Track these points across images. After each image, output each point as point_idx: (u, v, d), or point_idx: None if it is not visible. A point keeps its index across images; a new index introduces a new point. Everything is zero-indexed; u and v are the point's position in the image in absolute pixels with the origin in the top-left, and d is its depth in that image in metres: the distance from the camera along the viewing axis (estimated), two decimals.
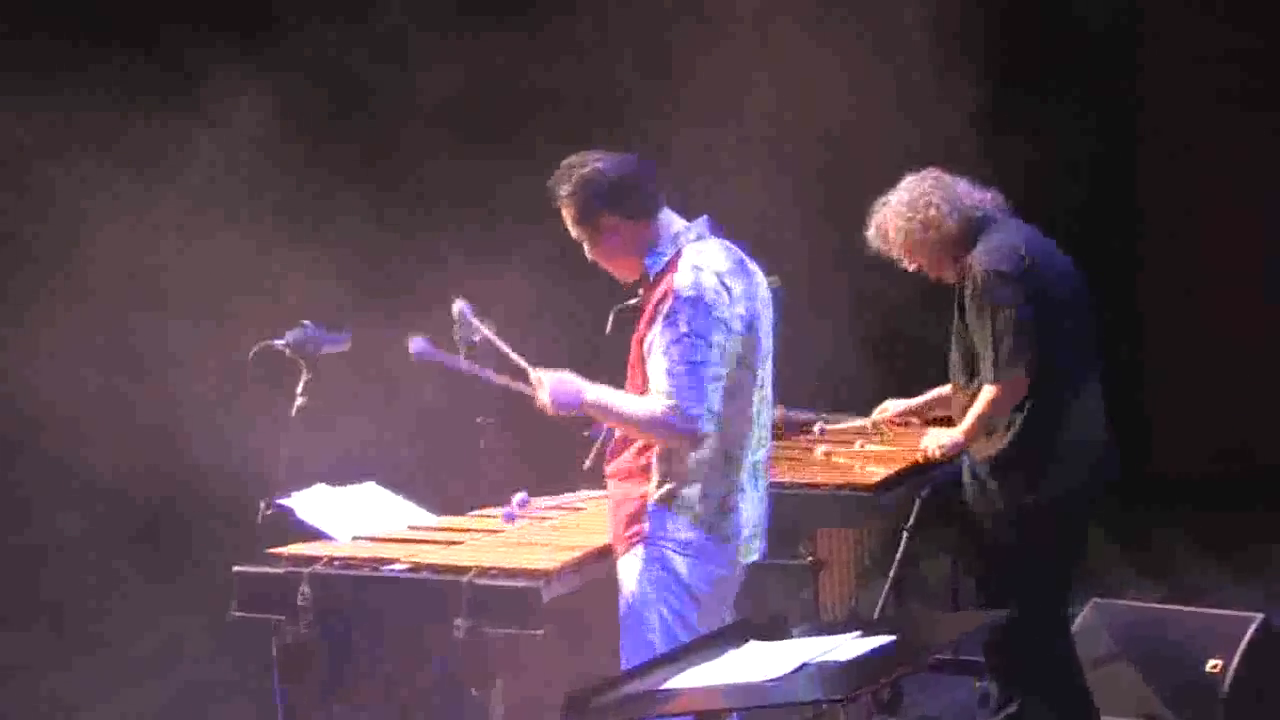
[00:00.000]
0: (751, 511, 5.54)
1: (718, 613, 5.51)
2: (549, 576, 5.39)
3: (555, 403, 5.42)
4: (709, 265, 5.43)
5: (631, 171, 5.51)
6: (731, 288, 5.42)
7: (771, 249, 6.02)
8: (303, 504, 5.96)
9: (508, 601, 5.32)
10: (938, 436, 6.69)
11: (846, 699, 4.08)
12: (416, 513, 6.21)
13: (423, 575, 5.47)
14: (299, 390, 5.99)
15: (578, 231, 5.57)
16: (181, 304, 8.36)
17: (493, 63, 9.21)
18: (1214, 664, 6.90)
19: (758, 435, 5.55)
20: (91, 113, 8.24)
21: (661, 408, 5.31)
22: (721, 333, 5.36)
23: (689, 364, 5.31)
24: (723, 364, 5.37)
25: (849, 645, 4.30)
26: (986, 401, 6.47)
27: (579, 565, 5.56)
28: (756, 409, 5.53)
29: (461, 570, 5.41)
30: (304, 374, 6.01)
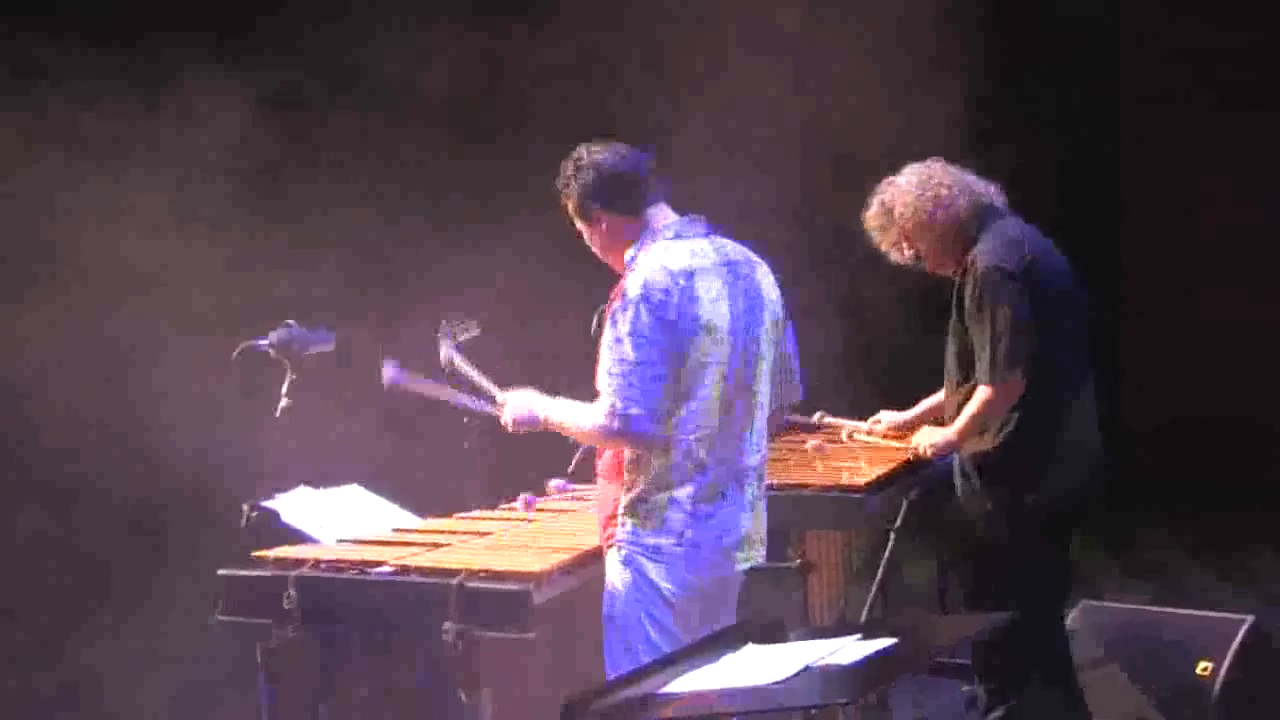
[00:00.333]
0: (733, 518, 5.46)
1: (701, 618, 5.43)
2: (539, 579, 5.34)
3: (516, 421, 5.60)
4: (665, 264, 5.37)
5: (624, 166, 5.47)
6: (690, 287, 5.34)
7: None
8: (286, 506, 5.90)
9: (498, 604, 5.26)
10: (930, 435, 6.65)
11: (851, 702, 4.03)
12: (400, 514, 6.16)
13: (411, 578, 5.41)
14: (283, 391, 5.92)
15: (576, 223, 5.57)
16: (163, 303, 8.29)
17: (488, 55, 9.17)
18: (1205, 666, 6.86)
19: (742, 441, 5.46)
20: (69, 109, 8.18)
21: (602, 411, 5.30)
22: (666, 332, 5.29)
23: (626, 364, 5.27)
24: (664, 364, 5.29)
25: (851, 648, 4.26)
26: (981, 402, 6.42)
27: (570, 567, 5.52)
28: (737, 413, 5.43)
29: (451, 573, 5.36)
30: (289, 374, 5.95)
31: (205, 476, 7.65)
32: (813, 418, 7.16)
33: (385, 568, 5.48)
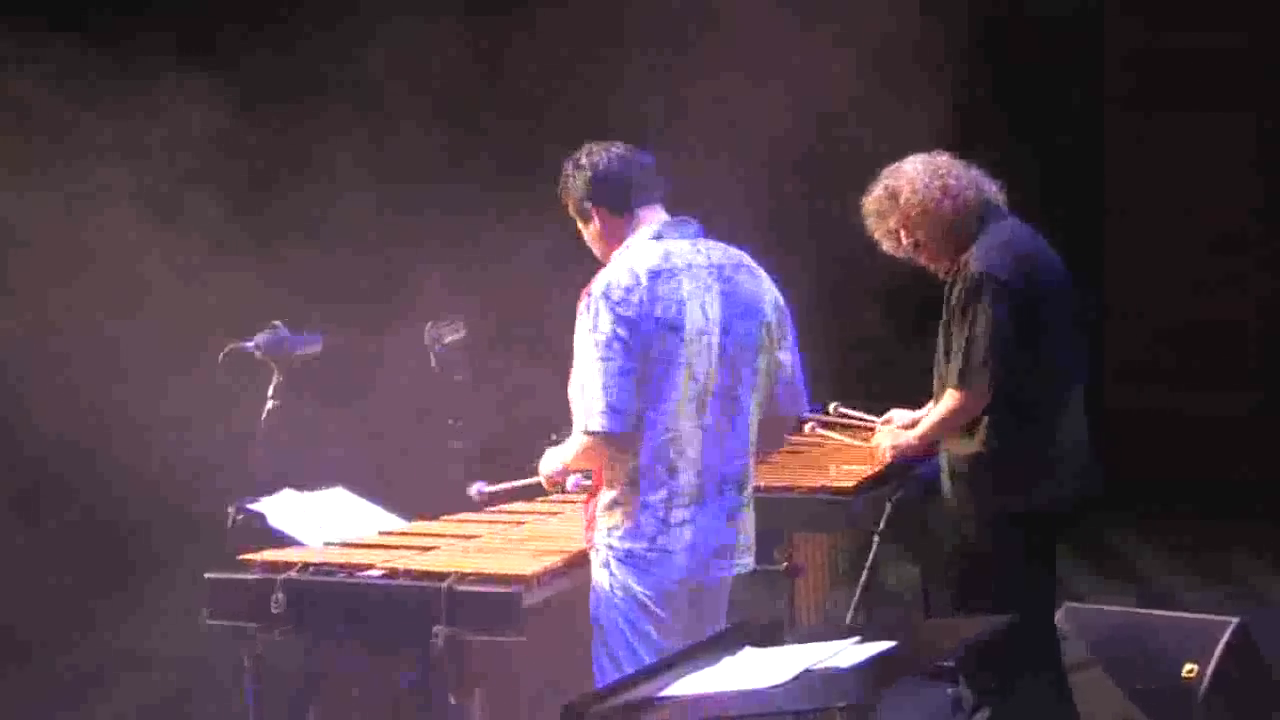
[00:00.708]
0: (711, 526, 5.42)
1: (683, 624, 5.41)
2: (529, 582, 5.32)
3: (550, 481, 5.66)
4: (631, 264, 5.38)
5: (618, 166, 5.50)
6: (652, 287, 5.33)
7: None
8: (272, 509, 5.86)
9: (487, 607, 5.24)
10: (892, 437, 6.60)
11: (851, 705, 4.02)
12: (386, 517, 6.12)
13: (400, 581, 5.39)
14: (270, 393, 5.89)
15: (577, 221, 5.60)
16: (149, 305, 8.27)
17: (485, 53, 9.17)
18: (1190, 669, 6.84)
19: (720, 446, 5.41)
20: (47, 102, 8.16)
21: (576, 429, 5.33)
22: (628, 328, 5.29)
23: (592, 365, 5.28)
24: (629, 358, 5.28)
25: (850, 651, 4.24)
26: (948, 409, 6.36)
27: (560, 570, 5.49)
28: (712, 417, 5.39)
29: (440, 576, 5.33)
30: (275, 377, 5.92)
31: (190, 479, 7.63)
32: (828, 409, 7.13)
33: (374, 571, 5.45)
